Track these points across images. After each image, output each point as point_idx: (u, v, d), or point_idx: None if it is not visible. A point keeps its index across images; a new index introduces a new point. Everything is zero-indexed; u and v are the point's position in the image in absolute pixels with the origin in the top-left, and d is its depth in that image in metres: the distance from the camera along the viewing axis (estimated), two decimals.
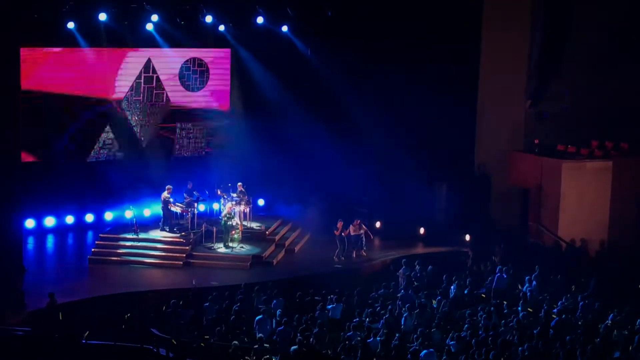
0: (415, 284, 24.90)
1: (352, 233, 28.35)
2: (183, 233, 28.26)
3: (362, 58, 32.01)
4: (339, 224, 28.17)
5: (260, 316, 20.92)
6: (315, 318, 21.39)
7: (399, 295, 23.65)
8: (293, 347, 18.28)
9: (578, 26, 31.11)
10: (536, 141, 31.32)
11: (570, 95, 31.16)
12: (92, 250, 27.70)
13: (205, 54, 32.52)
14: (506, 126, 31.93)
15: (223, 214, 28.10)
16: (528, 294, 23.88)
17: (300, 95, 32.67)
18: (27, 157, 28.02)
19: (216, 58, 32.86)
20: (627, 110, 30.51)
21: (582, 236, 29.12)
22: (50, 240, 29.54)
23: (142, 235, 28.34)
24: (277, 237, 29.51)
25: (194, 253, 27.61)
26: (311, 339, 19.39)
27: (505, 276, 24.58)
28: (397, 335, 19.81)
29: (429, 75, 31.23)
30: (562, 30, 31.26)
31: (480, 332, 20.09)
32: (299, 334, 19.27)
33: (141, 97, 31.39)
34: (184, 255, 27.40)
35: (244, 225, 28.95)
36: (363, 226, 28.54)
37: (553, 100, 31.35)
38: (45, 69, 29.14)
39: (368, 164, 32.24)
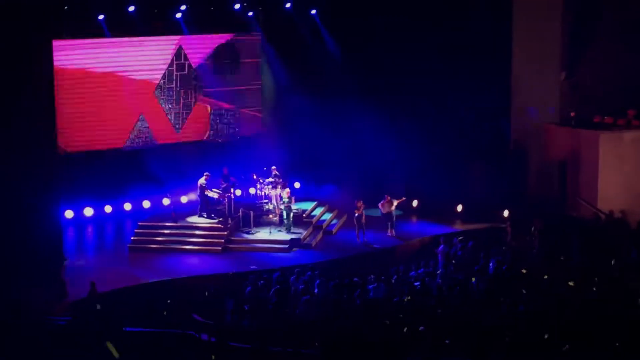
0: (453, 262, 24.82)
1: (382, 211, 28.32)
2: (221, 219, 28.39)
3: (395, 35, 31.75)
4: (358, 204, 28.10)
5: (307, 296, 20.97)
6: (356, 298, 21.40)
7: (438, 273, 23.60)
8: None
9: None
10: (572, 114, 30.98)
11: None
12: (132, 238, 27.90)
13: (235, 39, 32.53)
14: (541, 99, 31.60)
15: (284, 200, 28.29)
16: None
17: (330, 78, 32.63)
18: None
19: (247, 43, 32.88)
20: None
21: (621, 207, 28.79)
22: (89, 230, 29.78)
23: (180, 223, 28.51)
24: (314, 220, 29.53)
25: (233, 238, 27.73)
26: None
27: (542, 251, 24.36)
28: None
29: (462, 51, 30.97)
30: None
31: (520, 307, 19.95)
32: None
33: (174, 85, 31.50)
34: (223, 240, 27.53)
35: (280, 209, 28.97)
36: (394, 201, 28.46)
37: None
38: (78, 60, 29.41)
39: (405, 143, 32.05)
